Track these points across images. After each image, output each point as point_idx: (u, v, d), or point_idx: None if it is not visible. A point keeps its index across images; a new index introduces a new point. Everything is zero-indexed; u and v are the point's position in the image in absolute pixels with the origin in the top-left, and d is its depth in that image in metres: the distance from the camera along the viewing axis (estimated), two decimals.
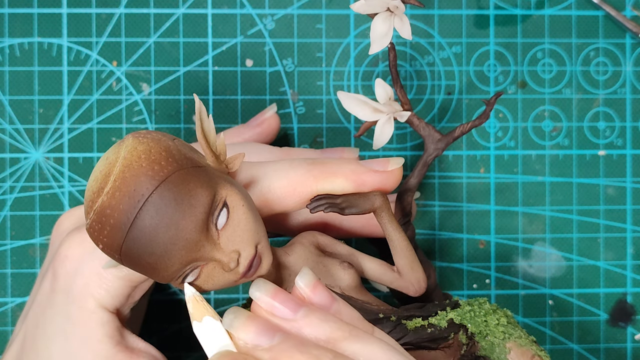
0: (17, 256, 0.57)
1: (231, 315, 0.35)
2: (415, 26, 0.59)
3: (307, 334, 0.35)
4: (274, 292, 0.36)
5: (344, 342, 0.35)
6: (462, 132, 0.46)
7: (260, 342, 0.35)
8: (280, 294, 0.36)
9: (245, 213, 0.36)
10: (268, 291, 0.36)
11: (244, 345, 0.35)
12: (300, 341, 0.35)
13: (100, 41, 0.57)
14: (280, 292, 0.36)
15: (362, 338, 0.36)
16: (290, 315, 0.36)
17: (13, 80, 0.57)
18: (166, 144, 0.36)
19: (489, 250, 0.59)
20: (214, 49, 0.58)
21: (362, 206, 0.41)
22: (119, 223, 0.34)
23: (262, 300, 0.36)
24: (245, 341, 0.35)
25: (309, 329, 0.35)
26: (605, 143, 0.60)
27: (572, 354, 0.59)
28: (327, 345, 0.35)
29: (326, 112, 0.58)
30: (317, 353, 0.34)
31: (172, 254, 0.34)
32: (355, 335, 0.36)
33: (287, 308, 0.36)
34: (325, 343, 0.35)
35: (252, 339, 0.35)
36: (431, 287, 0.47)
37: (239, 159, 0.38)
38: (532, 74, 0.59)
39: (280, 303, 0.36)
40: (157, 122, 0.58)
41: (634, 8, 0.59)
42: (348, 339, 0.36)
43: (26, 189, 0.57)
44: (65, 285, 0.43)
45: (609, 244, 0.60)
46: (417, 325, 0.41)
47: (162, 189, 0.34)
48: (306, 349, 0.34)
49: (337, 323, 0.36)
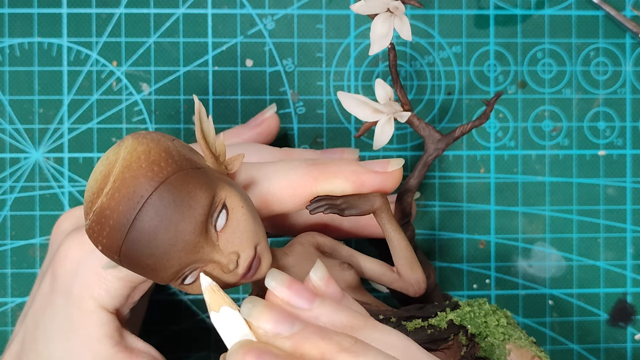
0: (17, 256, 0.57)
1: (249, 304, 0.35)
2: (415, 26, 0.59)
3: (324, 323, 0.36)
4: (289, 282, 0.36)
5: (361, 330, 0.36)
6: (463, 133, 0.46)
7: (280, 330, 0.35)
8: (295, 284, 0.36)
9: (244, 214, 0.36)
10: (284, 281, 0.36)
11: (264, 334, 0.35)
12: (320, 328, 0.35)
13: (100, 41, 0.57)
14: (295, 282, 0.36)
15: (378, 326, 0.36)
16: (306, 305, 0.36)
17: (13, 80, 0.57)
18: (166, 145, 0.36)
19: (489, 250, 0.59)
20: (214, 49, 0.58)
21: (362, 207, 0.41)
22: (118, 224, 0.34)
23: (278, 290, 0.36)
24: (266, 330, 0.35)
25: (326, 317, 0.36)
26: (605, 143, 0.60)
27: (572, 354, 0.59)
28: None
29: (326, 113, 0.58)
30: (338, 339, 0.34)
31: (171, 255, 0.34)
32: (372, 324, 0.36)
33: (303, 298, 0.36)
34: (343, 330, 0.35)
35: (273, 328, 0.35)
36: (431, 288, 0.47)
37: (238, 160, 0.38)
38: (532, 74, 0.59)
39: (296, 293, 0.36)
40: (157, 122, 0.58)
41: (634, 8, 0.59)
42: (364, 328, 0.36)
43: (26, 189, 0.57)
44: (65, 285, 0.43)
45: (609, 244, 0.59)
46: (416, 327, 0.41)
47: (161, 191, 0.34)
48: (328, 335, 0.34)
49: (352, 313, 0.36)
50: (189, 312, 0.58)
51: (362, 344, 0.34)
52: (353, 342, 0.34)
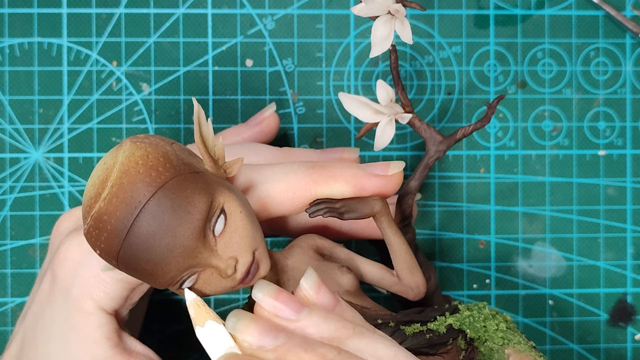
0: (17, 256, 0.57)
1: (234, 318, 0.35)
2: (416, 26, 0.58)
3: (311, 334, 0.36)
4: (276, 293, 0.36)
5: (348, 340, 0.36)
6: (464, 135, 0.46)
7: (264, 343, 0.35)
8: (282, 295, 0.36)
9: (242, 219, 0.36)
10: (270, 292, 0.36)
11: (248, 347, 0.35)
12: (305, 340, 0.35)
13: (100, 41, 0.57)
14: (282, 293, 0.36)
15: (366, 335, 0.36)
16: (293, 316, 0.36)
17: (13, 80, 0.57)
18: (164, 149, 0.36)
19: (489, 251, 0.59)
20: (214, 49, 0.58)
21: (362, 211, 0.41)
22: (115, 230, 0.34)
23: (265, 302, 0.36)
24: (250, 343, 0.35)
25: (313, 328, 0.36)
26: (605, 143, 0.59)
27: (572, 354, 0.59)
28: (331, 344, 0.35)
29: (326, 112, 0.58)
30: (322, 351, 0.34)
31: (169, 260, 0.34)
32: (360, 332, 0.36)
33: (290, 308, 0.36)
34: (330, 341, 0.35)
35: (257, 340, 0.35)
36: (431, 290, 0.47)
37: (237, 163, 0.38)
38: (532, 74, 0.59)
39: (283, 304, 0.36)
40: (157, 122, 0.57)
41: (634, 8, 0.59)
42: (352, 337, 0.36)
43: (26, 189, 0.57)
44: (64, 286, 0.43)
45: (609, 244, 0.59)
46: (415, 331, 0.41)
47: (159, 196, 0.34)
48: (311, 347, 0.34)
49: (341, 322, 0.36)
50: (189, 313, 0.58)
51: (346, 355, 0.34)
52: (337, 353, 0.34)
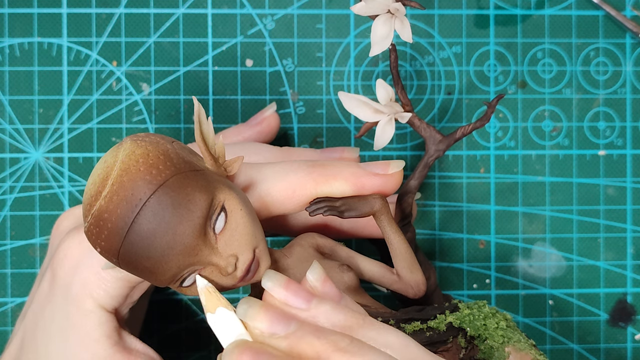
0: (17, 256, 0.57)
1: (245, 305, 0.35)
2: (416, 26, 0.58)
3: (322, 323, 0.36)
4: (286, 283, 0.36)
5: (359, 329, 0.36)
6: (464, 134, 0.46)
7: (276, 330, 0.35)
8: (292, 285, 0.36)
9: (243, 217, 0.36)
10: (280, 282, 0.36)
11: (259, 334, 0.35)
12: (317, 328, 0.35)
13: (100, 41, 0.57)
14: (292, 283, 0.36)
15: (376, 325, 0.36)
16: (303, 305, 0.36)
17: (13, 80, 0.57)
18: (164, 148, 0.36)
19: (489, 251, 0.59)
20: (214, 49, 0.58)
21: (362, 209, 0.41)
22: (116, 227, 0.34)
23: (275, 291, 0.36)
24: (261, 330, 0.35)
25: (323, 317, 0.36)
26: (605, 143, 0.59)
27: (572, 354, 0.59)
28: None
29: (326, 112, 0.58)
30: (334, 338, 0.34)
31: (169, 258, 0.34)
32: (370, 322, 0.36)
33: (300, 298, 0.36)
34: (341, 330, 0.35)
35: (268, 328, 0.35)
36: (431, 289, 0.47)
37: (237, 162, 0.38)
38: (532, 74, 0.59)
39: (293, 293, 0.36)
40: (157, 122, 0.57)
41: (634, 8, 0.59)
42: (363, 327, 0.36)
43: (26, 189, 0.57)
44: (64, 284, 0.43)
45: (609, 244, 0.59)
46: (415, 329, 0.41)
47: (159, 194, 0.34)
48: (323, 335, 0.34)
49: (350, 312, 0.36)
50: (189, 312, 0.58)
51: (358, 343, 0.34)
52: (349, 341, 0.34)
